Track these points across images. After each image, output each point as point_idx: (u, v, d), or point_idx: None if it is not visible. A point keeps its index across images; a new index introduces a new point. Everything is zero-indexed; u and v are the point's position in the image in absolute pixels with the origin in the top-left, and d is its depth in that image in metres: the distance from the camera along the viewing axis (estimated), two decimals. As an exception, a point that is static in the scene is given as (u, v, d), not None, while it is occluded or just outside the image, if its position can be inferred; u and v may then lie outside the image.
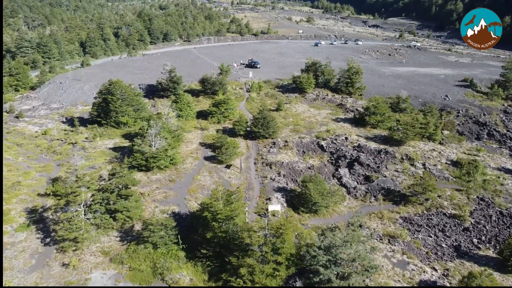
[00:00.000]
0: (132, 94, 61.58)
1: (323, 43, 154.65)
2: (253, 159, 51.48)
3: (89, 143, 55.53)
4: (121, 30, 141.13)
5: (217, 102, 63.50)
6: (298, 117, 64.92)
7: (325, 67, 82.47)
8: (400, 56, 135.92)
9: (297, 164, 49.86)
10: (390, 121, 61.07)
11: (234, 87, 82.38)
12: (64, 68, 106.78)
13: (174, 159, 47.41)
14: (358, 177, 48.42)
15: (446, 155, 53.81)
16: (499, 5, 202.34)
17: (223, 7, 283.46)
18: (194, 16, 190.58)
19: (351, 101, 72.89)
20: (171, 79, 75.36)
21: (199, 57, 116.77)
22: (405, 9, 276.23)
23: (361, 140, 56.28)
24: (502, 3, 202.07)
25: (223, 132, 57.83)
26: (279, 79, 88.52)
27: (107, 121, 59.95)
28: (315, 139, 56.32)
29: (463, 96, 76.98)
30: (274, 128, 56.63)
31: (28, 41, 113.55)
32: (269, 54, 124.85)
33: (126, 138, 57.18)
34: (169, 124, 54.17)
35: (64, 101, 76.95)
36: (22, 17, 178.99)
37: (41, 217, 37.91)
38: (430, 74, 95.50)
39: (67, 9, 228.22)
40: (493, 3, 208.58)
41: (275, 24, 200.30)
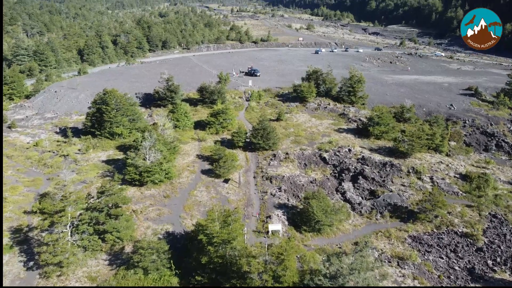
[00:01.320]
0: (127, 104, 59.43)
1: (324, 51, 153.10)
2: (252, 173, 49.16)
3: (81, 155, 53.22)
4: (120, 38, 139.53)
5: (216, 112, 61.33)
6: (299, 128, 62.72)
7: (327, 75, 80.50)
8: (402, 63, 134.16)
9: (298, 178, 47.52)
10: (395, 132, 58.86)
11: (233, 96, 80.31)
12: (61, 76, 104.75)
13: (170, 173, 45.12)
14: (362, 192, 46.09)
15: (454, 168, 51.50)
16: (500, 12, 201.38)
17: (223, 14, 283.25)
18: (193, 24, 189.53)
19: (353, 111, 70.74)
20: (168, 88, 73.31)
21: (198, 65, 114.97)
22: (405, 17, 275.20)
23: (365, 152, 53.99)
24: (503, 10, 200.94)
25: (222, 144, 55.56)
26: (279, 88, 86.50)
27: (101, 132, 57.70)
28: (317, 151, 54.04)
29: (469, 105, 74.86)
30: (275, 140, 54.40)
31: (25, 49, 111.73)
32: (269, 61, 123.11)
33: (120, 150, 54.89)
34: (165, 136, 51.96)
35: (59, 110, 74.81)
36: (21, 25, 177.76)
37: (25, 237, 35.50)
38: (433, 82, 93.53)
39: (67, 17, 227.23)
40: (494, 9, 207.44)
41: (275, 32, 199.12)
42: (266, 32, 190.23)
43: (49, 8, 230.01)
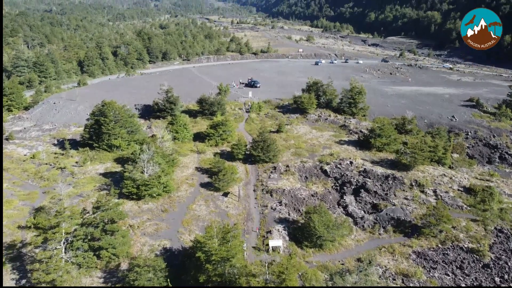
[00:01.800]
0: (126, 115, 58.82)
1: (324, 62, 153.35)
2: (252, 186, 48.27)
3: (78, 168, 52.37)
4: (120, 49, 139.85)
5: (215, 124, 60.67)
6: (299, 140, 61.98)
7: (327, 86, 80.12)
8: (402, 75, 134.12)
9: (299, 191, 46.60)
10: (397, 144, 58.13)
11: (233, 108, 79.80)
12: (60, 87, 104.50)
13: (168, 187, 44.23)
14: (365, 206, 45.13)
15: (457, 181, 50.60)
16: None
17: (223, 26, 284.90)
18: (194, 35, 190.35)
19: (354, 122, 70.11)
20: (167, 99, 72.84)
21: (198, 76, 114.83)
22: (404, 28, 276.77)
23: (366, 165, 53.16)
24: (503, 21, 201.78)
25: (221, 156, 54.80)
26: (280, 99, 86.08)
27: (99, 144, 56.95)
28: (318, 164, 53.21)
29: (470, 117, 74.29)
30: (275, 152, 53.62)
31: (25, 60, 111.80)
32: (269, 73, 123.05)
33: (118, 163, 54.05)
34: (163, 148, 51.20)
35: (57, 122, 74.20)
36: (22, 36, 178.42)
37: (19, 253, 34.49)
38: (434, 94, 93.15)
39: (68, 29, 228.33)
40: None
41: (275, 43, 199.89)
42: (266, 43, 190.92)
43: (51, 20, 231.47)
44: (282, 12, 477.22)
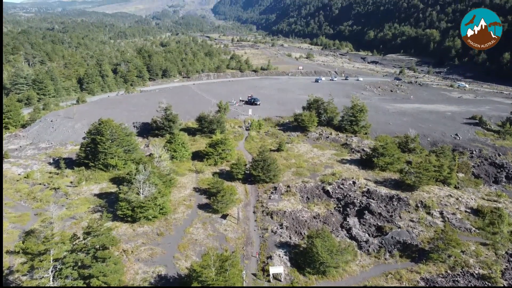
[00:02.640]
0: (123, 134, 57.56)
1: (324, 79, 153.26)
2: (252, 207, 46.59)
3: (72, 188, 50.80)
4: (120, 67, 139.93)
5: (214, 143, 59.35)
6: (300, 158, 60.56)
7: (328, 104, 79.19)
8: (402, 92, 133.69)
9: (301, 213, 44.89)
10: (400, 163, 56.68)
11: (233, 125, 78.69)
12: (59, 105, 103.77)
13: (164, 208, 42.58)
14: (369, 228, 43.34)
15: (464, 202, 48.89)
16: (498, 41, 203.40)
17: (224, 44, 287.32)
18: (194, 53, 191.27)
19: (356, 141, 68.82)
20: (166, 117, 71.84)
21: (198, 93, 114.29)
22: (403, 46, 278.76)
23: (370, 185, 51.58)
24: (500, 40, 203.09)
25: (220, 176, 53.33)
26: (280, 117, 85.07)
27: (95, 164, 55.50)
28: (320, 184, 51.63)
29: (474, 135, 73.03)
30: (275, 171, 52.13)
31: (24, 78, 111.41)
32: (269, 90, 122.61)
33: (114, 183, 52.50)
34: (160, 168, 49.75)
35: (54, 140, 72.99)
36: (23, 54, 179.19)
37: (5, 281, 32.57)
38: (436, 111, 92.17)
39: (69, 46, 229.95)
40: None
41: (275, 61, 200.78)
42: (266, 61, 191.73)
43: (52, 37, 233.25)
44: (282, 30, 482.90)
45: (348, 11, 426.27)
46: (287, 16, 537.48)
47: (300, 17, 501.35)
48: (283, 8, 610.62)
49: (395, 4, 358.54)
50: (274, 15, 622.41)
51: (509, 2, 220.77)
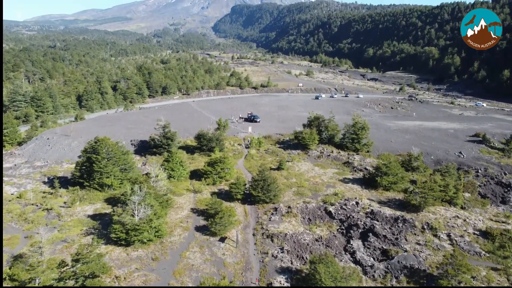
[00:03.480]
0: (119, 152, 56.14)
1: (324, 96, 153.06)
2: (251, 229, 44.77)
3: (66, 209, 49.03)
4: (120, 84, 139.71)
5: (213, 161, 57.87)
6: (301, 178, 58.97)
7: (329, 121, 78.05)
8: (403, 109, 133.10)
9: (302, 236, 43.05)
10: (404, 183, 55.09)
11: (232, 143, 77.36)
12: (57, 122, 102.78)
13: (160, 231, 40.77)
14: (374, 252, 41.43)
15: (472, 224, 47.06)
16: (497, 59, 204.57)
17: (224, 61, 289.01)
18: (194, 70, 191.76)
19: (358, 159, 67.36)
20: (164, 135, 70.59)
21: (197, 110, 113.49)
22: (402, 63, 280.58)
23: (373, 205, 49.84)
24: (499, 57, 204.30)
25: (219, 196, 51.69)
26: (280, 134, 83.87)
27: (90, 183, 53.88)
28: (322, 204, 49.91)
29: (478, 153, 71.62)
30: (276, 191, 50.49)
31: (22, 95, 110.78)
32: (269, 107, 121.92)
33: (109, 203, 50.79)
34: (157, 188, 48.14)
35: (49, 158, 71.53)
36: (23, 71, 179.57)
37: None
38: (438, 129, 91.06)
39: (70, 64, 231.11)
40: (490, 56, 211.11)
41: (275, 78, 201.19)
42: (266, 78, 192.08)
43: (53, 55, 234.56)
44: (282, 47, 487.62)
45: (347, 29, 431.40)
46: (287, 34, 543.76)
47: (300, 35, 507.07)
48: (283, 26, 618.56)
49: (394, 22, 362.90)
50: (274, 33, 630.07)
51: (506, 20, 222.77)
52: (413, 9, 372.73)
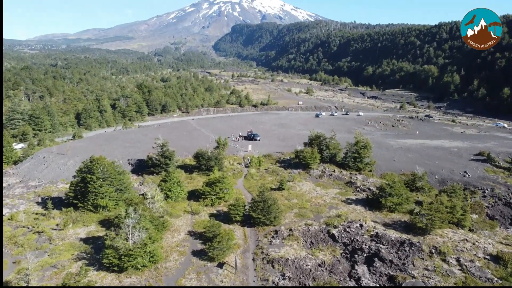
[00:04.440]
0: (115, 172, 54.48)
1: (324, 114, 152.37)
2: (251, 254, 42.71)
3: (58, 232, 47.06)
4: (119, 102, 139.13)
5: (211, 181, 56.17)
6: (303, 198, 57.14)
7: (330, 140, 76.67)
8: (404, 127, 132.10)
9: (305, 261, 40.96)
10: (409, 203, 53.25)
11: (232, 162, 75.77)
12: (54, 140, 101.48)
13: (155, 256, 38.75)
14: (380, 278, 39.28)
15: (482, 247, 44.98)
16: (497, 77, 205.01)
17: (224, 79, 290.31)
18: (194, 88, 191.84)
19: (361, 179, 65.64)
20: (162, 154, 69.07)
21: (197, 128, 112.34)
22: (401, 81, 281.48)
23: (378, 228, 47.87)
24: (499, 76, 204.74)
25: (217, 217, 49.79)
26: (281, 153, 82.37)
27: (84, 204, 52.06)
28: (325, 227, 47.94)
29: (484, 172, 69.95)
30: (276, 213, 48.61)
31: (20, 113, 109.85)
32: (269, 125, 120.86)
33: (103, 225, 48.83)
34: (153, 210, 46.33)
35: (44, 178, 69.83)
36: (24, 89, 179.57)
37: None
38: (441, 147, 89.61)
39: (70, 82, 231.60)
40: (490, 75, 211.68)
41: (275, 96, 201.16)
42: (266, 96, 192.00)
43: (54, 73, 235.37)
44: (282, 66, 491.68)
45: (346, 47, 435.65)
46: (287, 53, 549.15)
47: (299, 54, 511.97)
48: (283, 45, 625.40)
49: (392, 41, 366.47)
50: (273, 52, 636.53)
51: (505, 39, 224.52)
52: (411, 28, 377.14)
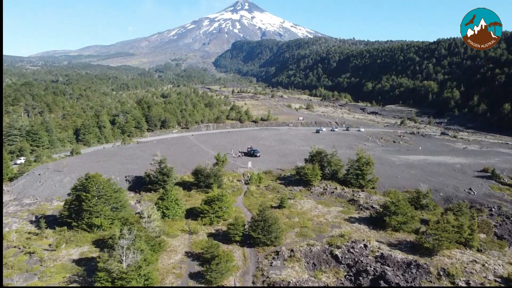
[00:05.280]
0: (111, 190, 52.91)
1: (325, 130, 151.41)
2: (251, 276, 40.81)
3: (50, 253, 45.23)
4: (118, 118, 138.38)
5: (210, 199, 54.52)
6: (304, 217, 55.38)
7: (332, 156, 75.25)
8: (406, 143, 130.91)
9: (307, 284, 39.01)
10: (415, 222, 51.48)
11: (231, 179, 74.22)
12: (52, 157, 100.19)
13: (150, 279, 36.84)
14: (387, 303, 37.36)
15: (492, 269, 43.05)
16: (497, 92, 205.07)
17: (224, 95, 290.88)
18: (194, 104, 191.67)
19: (364, 196, 63.98)
20: (160, 170, 67.60)
21: (196, 144, 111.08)
22: (401, 97, 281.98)
23: (383, 248, 46.00)
24: (499, 91, 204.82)
25: (216, 237, 48.00)
26: (281, 169, 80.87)
27: (78, 223, 50.33)
28: (328, 247, 46.09)
29: (489, 190, 68.34)
30: (277, 233, 46.84)
31: (18, 129, 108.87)
32: (270, 141, 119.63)
33: (97, 246, 47.01)
34: (149, 229, 44.62)
35: (39, 195, 68.19)
36: (23, 105, 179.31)
37: None
38: (444, 163, 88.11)
39: (70, 98, 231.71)
40: (490, 90, 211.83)
41: (275, 111, 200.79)
42: (266, 111, 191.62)
43: (54, 89, 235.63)
44: (282, 82, 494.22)
45: (345, 63, 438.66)
46: (287, 69, 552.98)
47: (299, 70, 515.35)
48: (282, 61, 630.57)
49: (392, 57, 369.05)
50: (273, 68, 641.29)
51: (504, 55, 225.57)
52: (410, 44, 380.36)
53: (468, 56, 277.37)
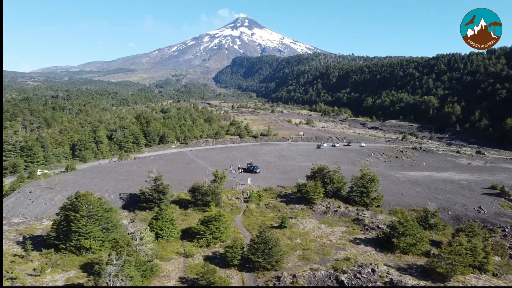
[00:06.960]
0: (102, 209, 49.95)
1: (326, 145, 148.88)
2: (250, 305, 37.61)
3: (33, 278, 42.01)
4: (116, 133, 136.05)
5: (207, 219, 51.48)
6: (307, 238, 52.26)
7: (334, 173, 72.46)
8: (408, 158, 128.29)
9: (311, 315, 35.85)
10: (425, 244, 48.37)
11: (230, 197, 71.26)
12: (46, 173, 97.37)
13: (139, 310, 33.72)
14: (398, 335, 34.09)
15: (511, 296, 39.94)
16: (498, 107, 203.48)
17: (224, 110, 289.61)
18: (193, 119, 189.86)
19: (369, 215, 60.92)
20: (156, 188, 64.71)
21: (194, 160, 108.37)
22: (401, 112, 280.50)
23: (392, 273, 42.78)
24: (500, 106, 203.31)
25: (212, 260, 44.92)
26: (282, 186, 77.95)
27: (66, 246, 47.21)
28: (332, 272, 42.89)
29: (499, 208, 65.34)
30: (278, 256, 43.71)
31: (12, 145, 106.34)
32: (270, 157, 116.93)
33: (85, 270, 43.72)
34: (140, 253, 41.56)
35: (29, 214, 65.06)
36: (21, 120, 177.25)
37: None
38: (450, 180, 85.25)
39: (69, 113, 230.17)
40: (491, 105, 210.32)
41: (275, 126, 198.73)
42: (266, 126, 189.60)
43: (53, 104, 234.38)
44: (281, 97, 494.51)
45: (345, 79, 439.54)
46: (286, 84, 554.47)
47: (299, 85, 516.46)
48: (282, 77, 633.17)
49: (391, 73, 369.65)
50: (273, 83, 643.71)
51: (504, 70, 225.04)
52: (409, 60, 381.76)
53: (468, 71, 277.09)
